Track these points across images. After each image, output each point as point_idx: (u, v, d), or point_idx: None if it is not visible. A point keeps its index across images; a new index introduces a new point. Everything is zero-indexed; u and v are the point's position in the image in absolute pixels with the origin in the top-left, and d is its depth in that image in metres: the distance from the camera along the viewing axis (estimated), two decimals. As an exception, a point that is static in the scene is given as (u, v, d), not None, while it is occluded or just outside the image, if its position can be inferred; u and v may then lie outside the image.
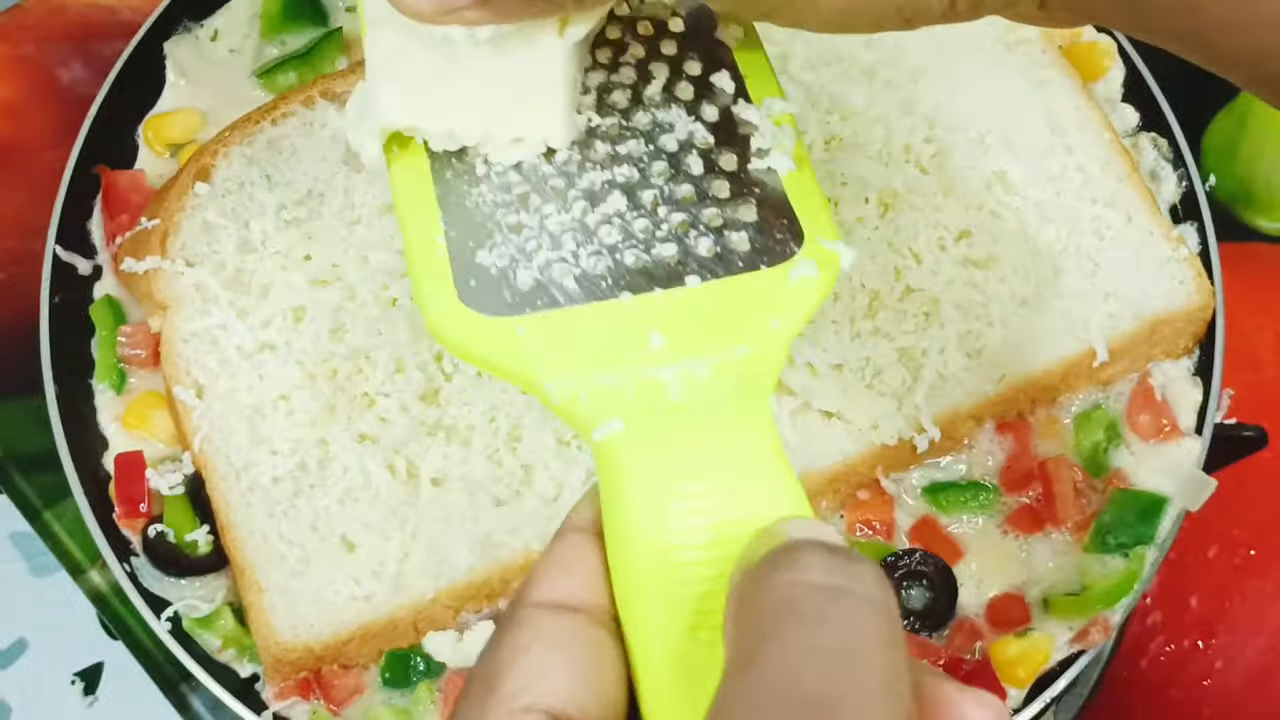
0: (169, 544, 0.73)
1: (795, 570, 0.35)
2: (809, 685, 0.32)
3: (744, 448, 0.41)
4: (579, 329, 0.44)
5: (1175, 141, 0.82)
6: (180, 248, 0.76)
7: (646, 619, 0.39)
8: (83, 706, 0.80)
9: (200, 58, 0.84)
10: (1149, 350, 0.77)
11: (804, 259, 0.45)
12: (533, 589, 0.40)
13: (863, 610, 0.34)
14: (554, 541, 0.41)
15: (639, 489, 0.40)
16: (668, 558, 0.39)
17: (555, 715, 0.37)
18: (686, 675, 0.38)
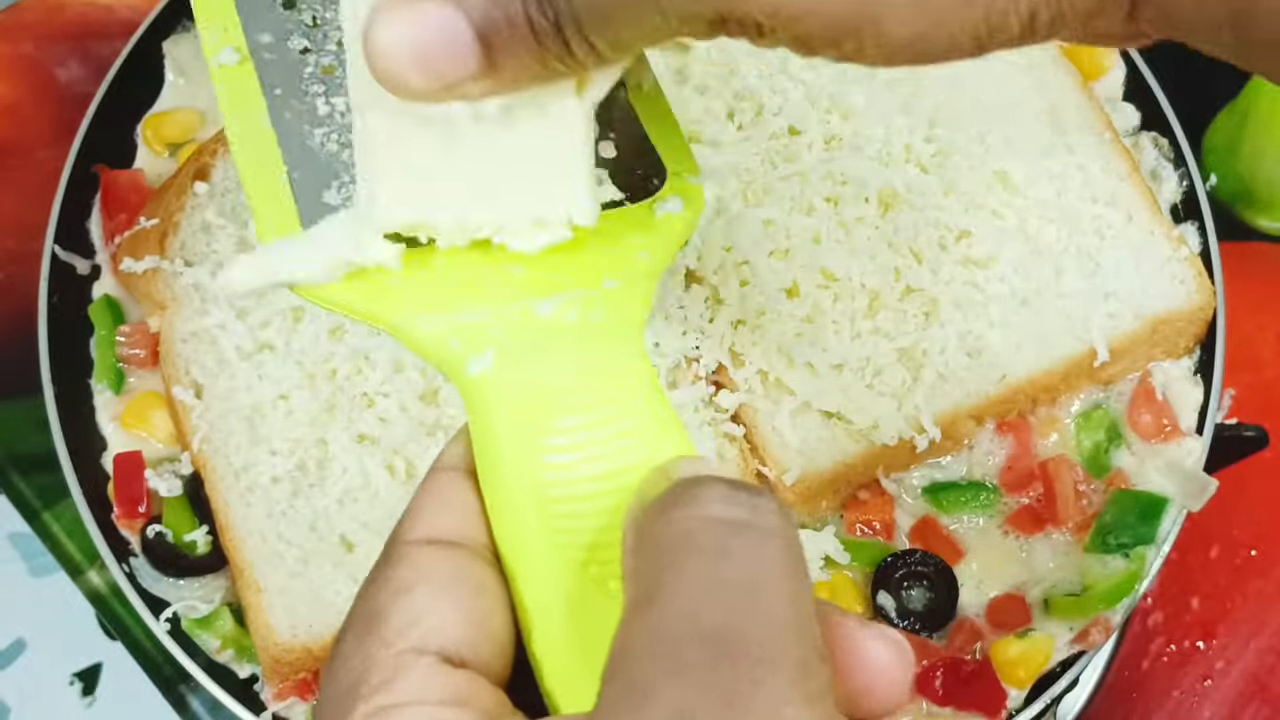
0: (168, 544, 0.73)
1: (695, 505, 0.34)
2: (713, 619, 0.32)
3: (619, 382, 0.40)
4: (439, 267, 0.42)
5: (1176, 141, 0.82)
6: (179, 247, 0.76)
7: (529, 558, 0.38)
8: (81, 707, 0.80)
9: (199, 57, 0.84)
10: (1150, 350, 0.77)
11: (670, 194, 0.44)
12: (409, 526, 0.39)
13: (766, 543, 0.33)
14: (425, 480, 0.40)
15: (511, 426, 0.39)
16: (545, 495, 0.38)
17: (446, 655, 0.36)
18: (577, 613, 0.37)
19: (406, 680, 0.35)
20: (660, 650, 0.32)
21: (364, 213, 0.41)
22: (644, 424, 0.40)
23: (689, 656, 0.31)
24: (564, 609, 0.37)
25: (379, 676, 0.35)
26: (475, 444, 0.40)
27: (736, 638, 0.31)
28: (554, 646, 0.37)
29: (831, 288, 0.74)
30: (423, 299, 0.41)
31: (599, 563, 0.37)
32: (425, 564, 0.37)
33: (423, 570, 0.37)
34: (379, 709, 0.35)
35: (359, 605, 0.37)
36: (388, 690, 0.35)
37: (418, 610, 0.36)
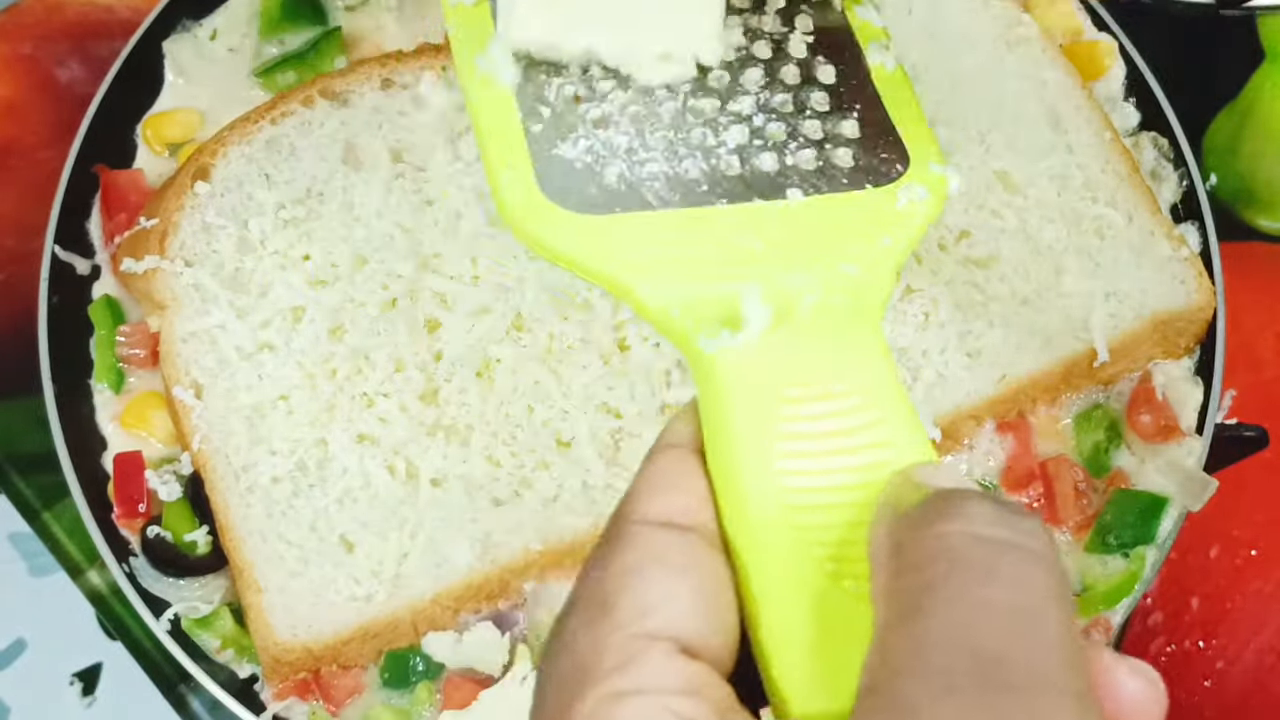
0: (168, 544, 0.73)
1: (960, 520, 0.32)
2: (984, 641, 0.30)
3: (858, 370, 0.39)
4: (673, 234, 0.41)
5: (1176, 141, 0.82)
6: (179, 247, 0.76)
7: (762, 547, 0.36)
8: (81, 707, 0.80)
9: (199, 57, 0.84)
10: (1150, 350, 0.77)
11: (913, 181, 0.43)
12: (637, 504, 0.37)
13: (1035, 566, 0.32)
14: (652, 457, 0.38)
15: (745, 407, 0.37)
16: (779, 484, 0.36)
17: (681, 644, 0.34)
18: (809, 607, 0.35)
19: (641, 666, 0.33)
20: (929, 669, 0.30)
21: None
22: (883, 416, 0.38)
23: (960, 679, 0.30)
24: (796, 603, 0.36)
25: (612, 660, 0.33)
26: (705, 423, 0.38)
27: (1012, 664, 0.30)
28: (785, 641, 0.36)
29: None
30: (657, 265, 0.40)
31: (834, 559, 0.36)
32: (657, 547, 0.36)
33: (655, 553, 0.35)
34: (613, 694, 0.33)
35: (584, 587, 0.36)
36: (622, 675, 0.33)
37: (652, 595, 0.34)
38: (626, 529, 0.36)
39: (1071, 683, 0.30)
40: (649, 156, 0.42)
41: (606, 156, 0.42)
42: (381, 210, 0.76)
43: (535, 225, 0.41)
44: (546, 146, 0.42)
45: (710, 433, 0.38)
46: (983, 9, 0.82)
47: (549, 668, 0.35)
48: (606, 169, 0.42)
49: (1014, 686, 0.30)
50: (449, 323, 0.73)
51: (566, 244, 0.41)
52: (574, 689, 0.33)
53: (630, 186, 0.41)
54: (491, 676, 0.71)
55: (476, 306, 0.73)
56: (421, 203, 0.76)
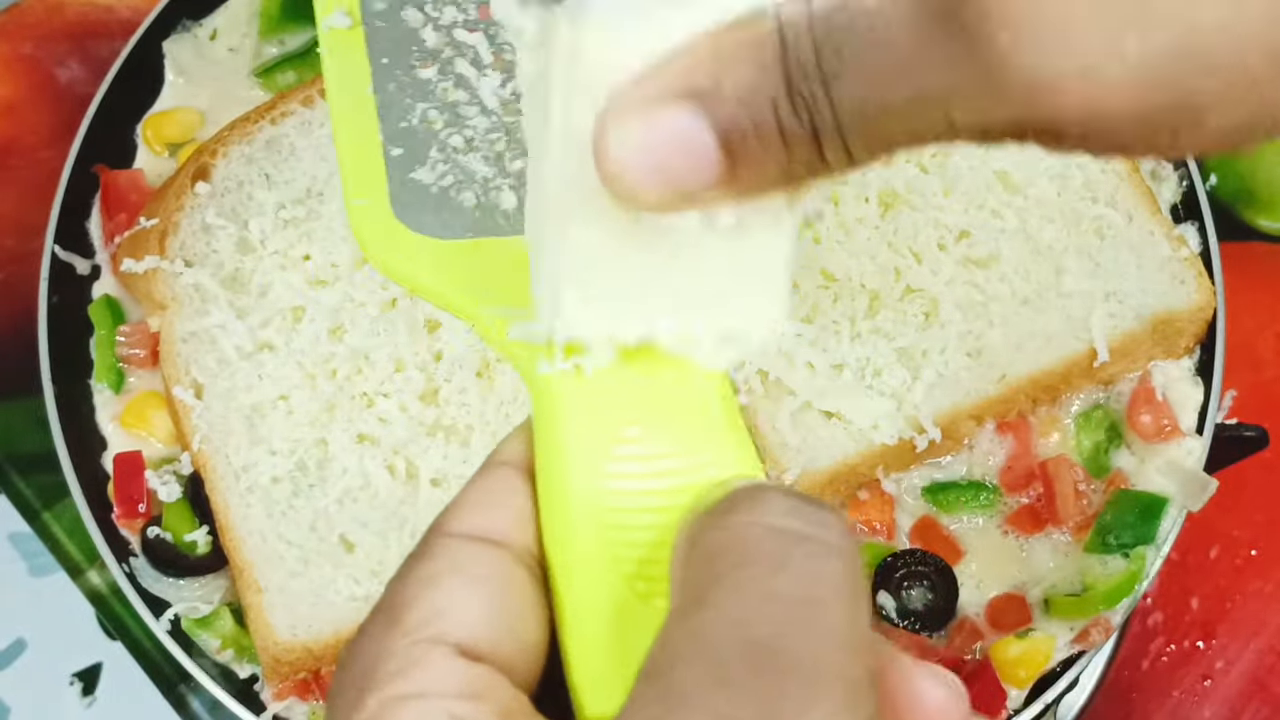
0: (168, 544, 0.73)
1: (754, 511, 0.33)
2: (764, 630, 0.30)
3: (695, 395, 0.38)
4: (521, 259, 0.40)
5: (1176, 141, 0.81)
6: (179, 247, 0.76)
7: (577, 569, 0.36)
8: (81, 707, 0.80)
9: (199, 57, 0.84)
10: (1150, 350, 0.77)
11: None
12: (451, 519, 0.37)
13: (826, 558, 0.32)
14: (480, 473, 0.38)
15: (580, 431, 0.38)
16: (604, 505, 0.37)
17: (466, 650, 0.34)
18: (617, 623, 0.36)
19: (421, 671, 0.34)
20: (704, 656, 0.30)
21: (545, 321, 0.38)
22: (715, 440, 0.38)
23: (734, 668, 0.30)
24: (605, 618, 0.36)
25: (393, 665, 0.34)
26: (538, 445, 0.38)
27: (786, 653, 0.30)
28: (588, 653, 0.36)
29: (831, 288, 0.74)
30: (498, 288, 0.40)
31: (647, 578, 0.36)
32: (460, 557, 0.36)
33: (455, 563, 0.36)
34: (392, 698, 0.33)
35: (385, 595, 0.36)
36: (402, 680, 0.34)
37: (441, 601, 0.35)
38: (435, 540, 0.36)
39: (846, 672, 0.30)
40: (504, 182, 0.42)
41: (464, 182, 0.42)
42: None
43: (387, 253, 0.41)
44: (402, 170, 0.42)
45: (539, 453, 0.38)
46: (983, 9, 0.82)
47: (339, 675, 0.35)
48: (461, 194, 0.42)
49: (786, 674, 0.30)
50: (449, 323, 0.73)
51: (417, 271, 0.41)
52: (356, 694, 0.34)
53: (482, 211, 0.42)
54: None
55: (476, 306, 0.73)
56: (421, 203, 0.76)
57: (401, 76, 0.43)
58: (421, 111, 0.43)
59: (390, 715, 0.33)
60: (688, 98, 0.34)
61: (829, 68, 0.33)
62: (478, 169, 0.42)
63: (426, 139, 0.43)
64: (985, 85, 0.33)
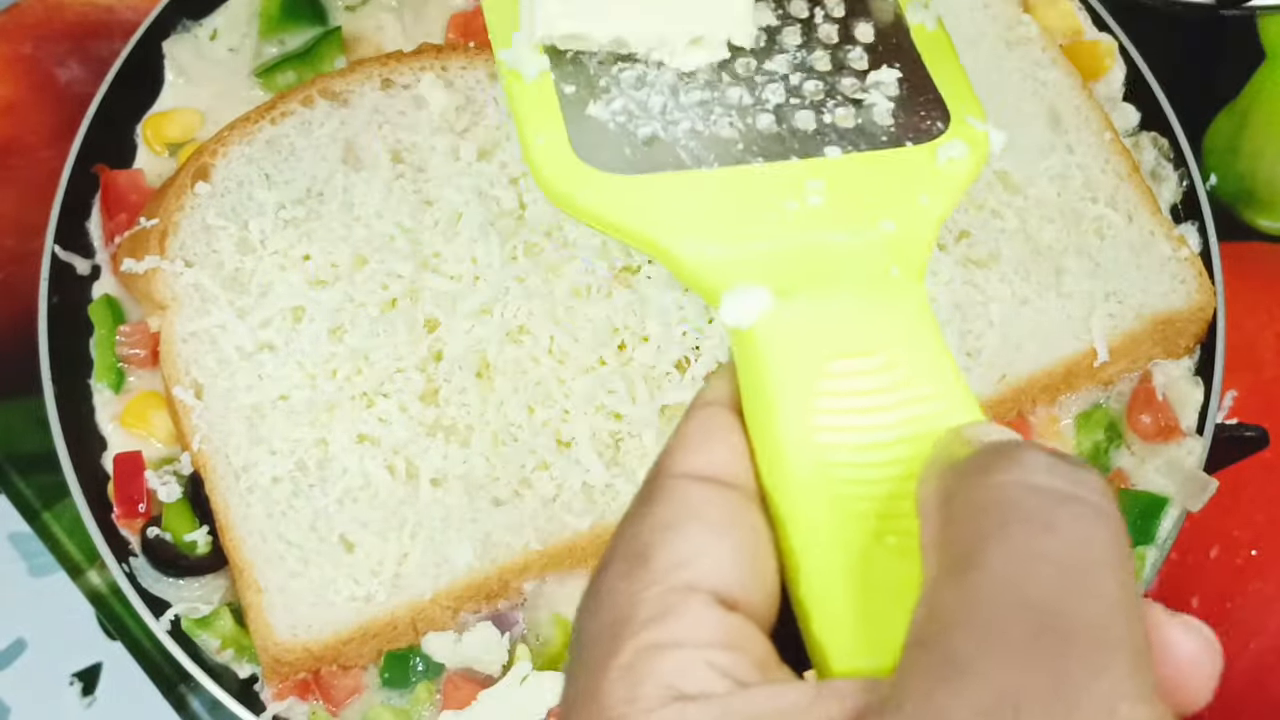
0: (168, 544, 0.73)
1: (1017, 470, 0.31)
2: (1040, 592, 0.29)
3: (898, 330, 0.38)
4: (709, 193, 0.40)
5: (1176, 141, 0.82)
6: (179, 247, 0.76)
7: (801, 506, 0.36)
8: (81, 707, 0.80)
9: (199, 57, 0.84)
10: (1150, 350, 0.77)
11: (953, 138, 0.42)
12: (676, 459, 0.36)
13: (1094, 519, 0.31)
14: (690, 414, 0.38)
15: (782, 370, 0.37)
16: (818, 442, 0.36)
17: (719, 596, 0.33)
18: (851, 564, 0.35)
19: (679, 619, 0.33)
20: (982, 622, 0.29)
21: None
22: (926, 378, 0.38)
23: (1014, 633, 0.29)
24: (837, 560, 0.35)
25: (648, 612, 0.33)
26: (743, 385, 0.38)
27: (1067, 618, 0.29)
28: (826, 598, 0.35)
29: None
30: (692, 222, 0.40)
31: (877, 516, 0.35)
32: (695, 500, 0.35)
33: (692, 507, 0.35)
34: (650, 646, 0.32)
35: (620, 541, 0.35)
36: (658, 627, 0.33)
37: (689, 548, 0.34)
38: (664, 483, 0.36)
39: (1128, 638, 0.30)
40: (683, 116, 0.42)
41: (640, 116, 0.42)
42: (381, 210, 0.76)
43: (569, 187, 0.41)
44: (579, 108, 0.42)
45: (748, 395, 0.38)
46: (983, 9, 0.82)
47: (585, 620, 0.34)
48: (640, 129, 0.42)
49: (1070, 640, 0.29)
50: (449, 323, 0.73)
51: (601, 205, 0.40)
52: (611, 641, 0.33)
53: (665, 146, 0.41)
54: (491, 676, 0.71)
55: (476, 307, 0.73)
56: (421, 203, 0.76)
57: None
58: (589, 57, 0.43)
59: (649, 663, 0.32)
60: None
61: None
62: (653, 101, 0.42)
63: (600, 75, 0.42)
64: None
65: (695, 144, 0.41)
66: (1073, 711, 0.28)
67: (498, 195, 0.76)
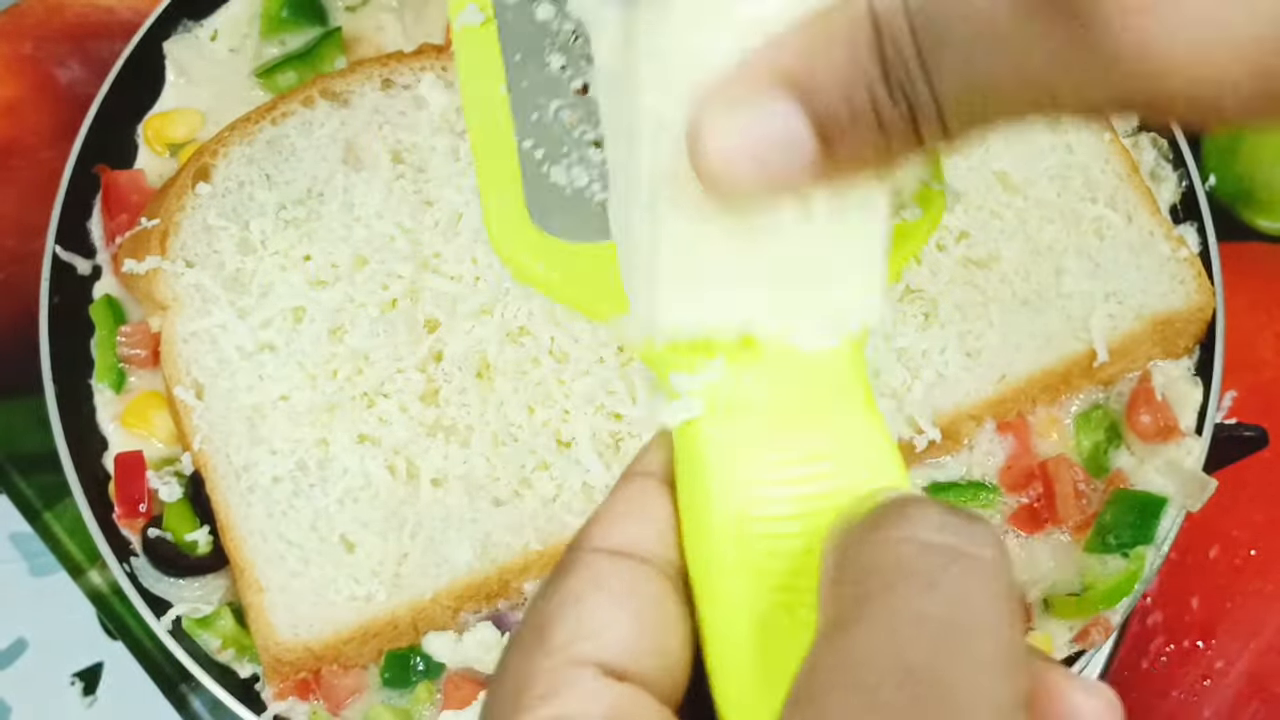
0: (169, 544, 0.73)
1: (905, 526, 0.32)
2: (915, 655, 0.30)
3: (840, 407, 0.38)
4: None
5: (1175, 141, 0.82)
6: (180, 248, 0.76)
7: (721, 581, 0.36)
8: (82, 707, 0.80)
9: (200, 57, 0.84)
10: (1149, 350, 0.77)
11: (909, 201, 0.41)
12: (594, 533, 0.37)
13: (979, 577, 0.31)
14: (621, 484, 0.38)
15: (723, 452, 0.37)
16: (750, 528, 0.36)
17: (611, 669, 0.34)
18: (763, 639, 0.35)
19: (569, 692, 0.34)
20: (855, 683, 0.30)
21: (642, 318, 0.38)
22: (862, 450, 0.37)
23: (886, 695, 0.29)
24: (750, 632, 0.35)
25: (541, 688, 0.34)
26: (678, 470, 0.38)
27: (939, 680, 0.29)
28: (734, 668, 0.36)
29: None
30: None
31: (792, 589, 0.36)
32: (602, 573, 0.36)
33: (597, 579, 0.36)
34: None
35: (530, 613, 0.36)
36: (551, 702, 0.33)
37: (586, 620, 0.35)
38: (577, 557, 0.36)
39: (998, 696, 0.30)
40: None
41: (597, 181, 0.41)
42: (382, 210, 0.76)
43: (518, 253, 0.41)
44: (537, 169, 0.41)
45: (682, 479, 0.38)
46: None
47: (490, 693, 0.35)
48: (596, 193, 0.41)
49: (940, 703, 0.29)
50: (449, 323, 0.73)
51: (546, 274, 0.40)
52: (511, 715, 0.34)
53: None
54: (492, 676, 0.71)
55: (476, 307, 0.73)
56: (421, 203, 0.76)
57: (535, 73, 0.42)
58: (555, 109, 0.42)
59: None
60: (782, 88, 0.34)
61: (929, 54, 0.33)
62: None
63: (560, 137, 0.42)
64: (1093, 63, 0.32)
65: None
66: None
67: (498, 195, 0.76)
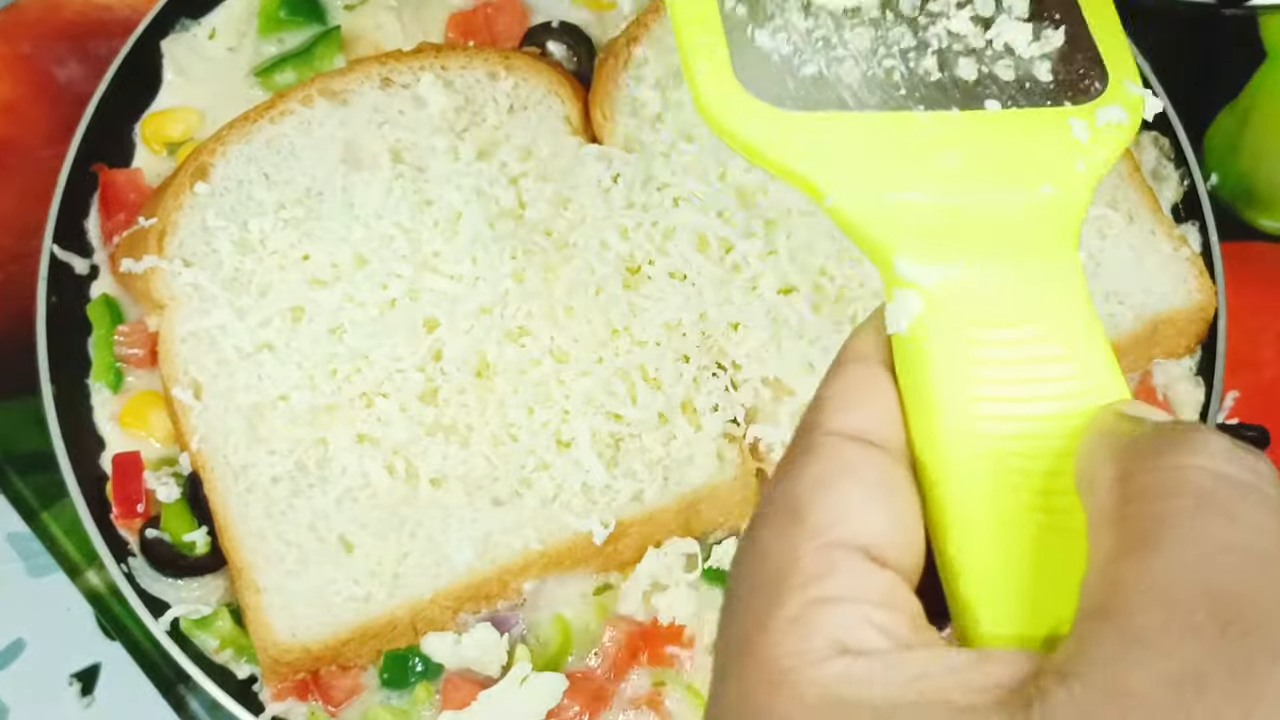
0: (166, 545, 0.73)
1: (1201, 455, 0.32)
2: (1225, 580, 0.30)
3: (1056, 298, 0.38)
4: (871, 138, 0.40)
5: (1177, 140, 0.81)
6: (178, 247, 0.75)
7: (957, 479, 0.36)
8: (80, 707, 0.80)
9: (198, 56, 0.84)
10: (1151, 350, 0.77)
11: (1112, 102, 0.42)
12: (828, 416, 0.37)
13: (1272, 511, 0.32)
14: (839, 368, 0.38)
15: (940, 335, 0.37)
16: (974, 410, 0.36)
17: (873, 555, 0.34)
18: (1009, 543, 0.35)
19: (840, 574, 0.34)
20: (1166, 601, 0.30)
21: None
22: (1080, 347, 0.38)
23: (1199, 616, 0.30)
24: (988, 527, 0.36)
25: (810, 567, 0.34)
26: (898, 350, 0.38)
27: (1252, 607, 0.30)
28: (976, 564, 0.36)
29: (832, 287, 0.74)
30: (853, 171, 0.39)
31: (1030, 489, 0.36)
32: (848, 459, 0.36)
33: (846, 465, 0.36)
34: (815, 600, 0.33)
35: (776, 496, 0.36)
36: (821, 583, 0.33)
37: (844, 505, 0.35)
38: (818, 439, 0.36)
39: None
40: (848, 53, 0.41)
41: (805, 49, 0.41)
42: (381, 210, 0.75)
43: (731, 117, 0.40)
44: (744, 34, 0.41)
45: (902, 360, 0.38)
46: (983, 8, 0.82)
47: (742, 574, 0.35)
48: (805, 63, 0.41)
49: (1254, 629, 0.30)
50: (449, 323, 0.73)
51: (762, 139, 0.40)
52: (772, 594, 0.33)
53: (828, 83, 0.41)
54: (490, 677, 0.71)
55: (476, 307, 0.73)
56: (421, 203, 0.76)
57: None
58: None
59: (815, 616, 0.33)
60: None
61: None
62: (817, 32, 0.41)
63: (766, 2, 0.42)
64: None
65: (857, 84, 0.41)
66: (1256, 699, 0.29)
67: (498, 195, 0.76)
